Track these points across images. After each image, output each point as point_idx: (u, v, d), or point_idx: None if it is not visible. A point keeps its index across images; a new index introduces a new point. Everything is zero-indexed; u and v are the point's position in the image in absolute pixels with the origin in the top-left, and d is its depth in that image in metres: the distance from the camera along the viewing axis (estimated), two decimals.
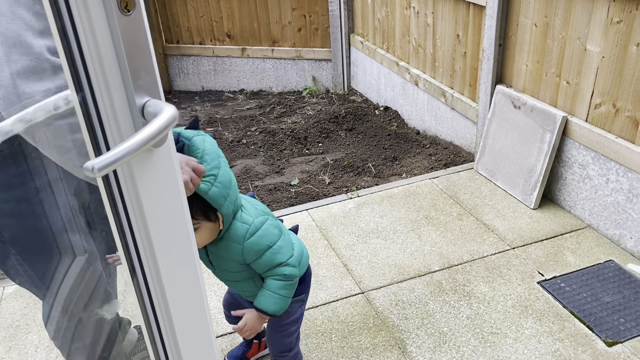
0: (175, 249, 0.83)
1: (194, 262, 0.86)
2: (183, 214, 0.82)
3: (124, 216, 0.79)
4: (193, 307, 0.89)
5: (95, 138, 0.74)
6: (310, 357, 2.12)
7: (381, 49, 4.48)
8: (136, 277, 0.84)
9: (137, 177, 0.75)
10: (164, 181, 0.79)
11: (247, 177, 3.71)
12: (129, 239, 0.81)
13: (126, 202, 0.77)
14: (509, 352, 2.07)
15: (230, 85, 5.60)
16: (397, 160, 3.74)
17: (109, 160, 0.63)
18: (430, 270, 2.54)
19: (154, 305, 0.86)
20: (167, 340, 0.89)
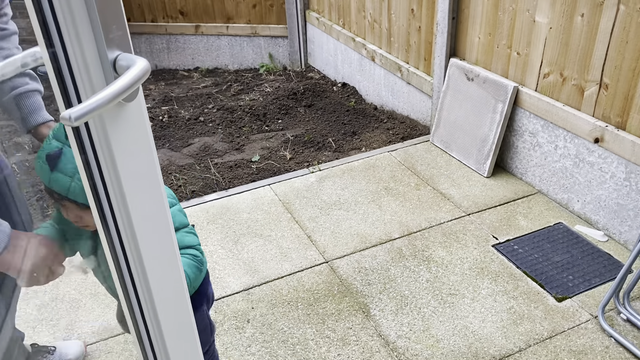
0: (147, 203, 0.85)
1: (166, 214, 0.87)
2: (155, 168, 0.84)
3: (96, 171, 0.80)
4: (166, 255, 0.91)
5: (67, 93, 0.75)
6: (277, 326, 2.16)
7: (337, 25, 4.50)
8: (109, 231, 0.85)
9: (109, 132, 0.76)
10: (135, 136, 0.80)
11: (206, 155, 3.69)
12: (102, 195, 0.82)
13: (99, 157, 0.78)
14: (466, 311, 2.18)
15: (185, 64, 5.50)
16: (357, 134, 3.80)
17: (85, 109, 0.64)
18: (390, 238, 2.62)
19: (128, 259, 0.88)
20: (140, 287, 0.91)
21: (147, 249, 0.85)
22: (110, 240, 0.85)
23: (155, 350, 0.99)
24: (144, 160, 0.81)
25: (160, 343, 0.97)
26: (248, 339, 2.10)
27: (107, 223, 0.83)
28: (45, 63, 0.75)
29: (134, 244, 0.85)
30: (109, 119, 0.75)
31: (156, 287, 0.92)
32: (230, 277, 2.42)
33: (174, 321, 0.96)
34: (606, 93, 2.38)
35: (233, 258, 2.54)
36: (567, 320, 2.11)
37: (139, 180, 0.82)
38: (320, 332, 2.12)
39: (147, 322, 0.94)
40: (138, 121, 0.79)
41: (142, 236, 0.84)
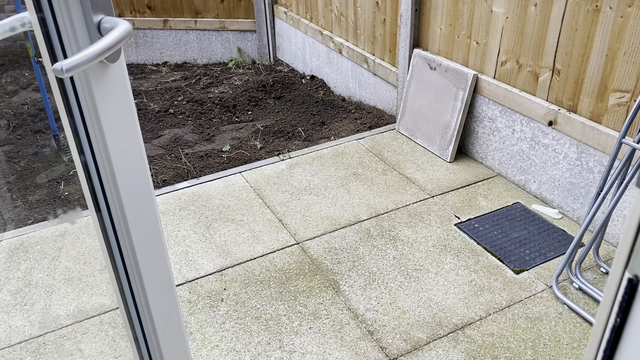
0: (130, 161, 0.92)
1: (146, 172, 0.95)
2: (135, 127, 0.91)
3: (81, 127, 0.86)
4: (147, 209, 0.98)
5: (54, 55, 0.81)
6: (250, 304, 2.23)
7: (305, 19, 4.58)
8: (93, 187, 0.92)
9: (94, 90, 0.83)
10: (118, 95, 0.87)
11: (177, 145, 3.72)
12: (88, 154, 0.89)
13: (84, 113, 0.84)
14: (431, 284, 2.29)
15: (153, 58, 5.51)
16: (325, 125, 3.89)
17: (75, 62, 0.71)
18: (359, 219, 2.72)
19: (109, 205, 0.94)
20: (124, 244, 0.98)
21: (126, 196, 0.92)
22: (92, 188, 0.91)
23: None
24: (125, 116, 0.88)
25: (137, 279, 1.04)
26: (222, 316, 2.17)
27: (89, 173, 0.90)
28: (34, 27, 0.81)
29: (116, 194, 0.91)
30: (94, 77, 0.82)
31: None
32: (203, 260, 2.48)
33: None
34: (558, 78, 2.53)
35: (206, 242, 2.60)
36: (524, 290, 2.24)
37: (120, 134, 0.88)
38: (292, 308, 2.20)
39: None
40: (120, 81, 0.86)
41: (124, 186, 0.91)
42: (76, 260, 2.51)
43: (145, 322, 1.13)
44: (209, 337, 2.08)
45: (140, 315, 1.13)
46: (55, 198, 3.19)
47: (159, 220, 1.01)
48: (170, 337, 1.18)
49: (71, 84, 0.82)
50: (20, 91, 4.82)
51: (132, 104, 0.89)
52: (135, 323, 1.14)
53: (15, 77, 5.14)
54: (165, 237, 1.90)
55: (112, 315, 2.20)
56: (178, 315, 1.16)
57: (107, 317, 2.19)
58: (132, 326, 1.15)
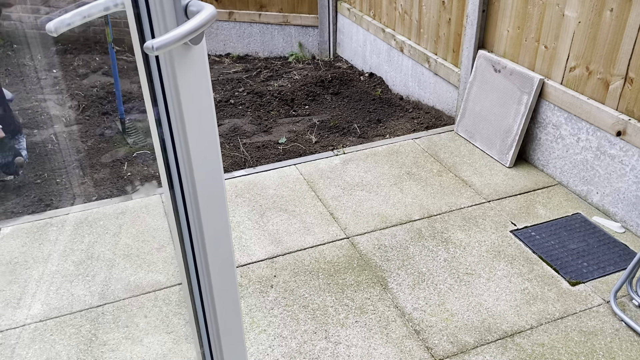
0: (204, 142, 0.96)
1: (218, 153, 0.98)
2: (211, 109, 0.94)
3: (163, 110, 0.91)
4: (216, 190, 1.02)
5: (143, 34, 0.86)
6: (299, 292, 2.27)
7: (368, 16, 4.58)
8: (169, 165, 0.96)
9: (177, 71, 0.87)
10: (198, 77, 0.91)
11: (236, 135, 3.81)
12: (166, 132, 0.93)
13: (165, 91, 0.89)
14: (481, 289, 2.26)
15: (217, 49, 5.64)
16: (381, 122, 3.88)
17: (164, 41, 0.75)
18: (411, 219, 2.71)
19: (181, 177, 0.99)
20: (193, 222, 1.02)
21: (199, 175, 0.96)
22: (168, 165, 0.96)
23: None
24: (203, 97, 0.92)
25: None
26: (271, 302, 2.22)
27: (166, 150, 0.94)
28: (127, 8, 0.86)
29: (190, 172, 0.96)
30: (178, 58, 0.86)
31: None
32: (255, 246, 2.54)
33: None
34: (630, 87, 2.43)
35: (259, 229, 2.66)
36: (580, 303, 2.17)
37: (198, 114, 0.92)
38: (340, 300, 2.22)
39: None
40: (201, 63, 0.90)
41: (198, 165, 0.95)
42: (135, 237, 2.62)
43: (205, 298, 1.18)
44: (257, 321, 2.13)
45: (201, 292, 1.18)
46: (118, 178, 3.34)
47: (226, 202, 1.05)
48: (227, 315, 1.22)
49: (156, 63, 0.87)
50: (91, 74, 5.05)
51: (210, 86, 0.93)
52: (197, 299, 1.19)
53: (86, 61, 5.39)
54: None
55: (166, 292, 2.28)
56: (236, 294, 1.20)
57: (161, 294, 2.27)
58: (193, 302, 1.20)
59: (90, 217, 2.78)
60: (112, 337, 2.07)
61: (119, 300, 2.24)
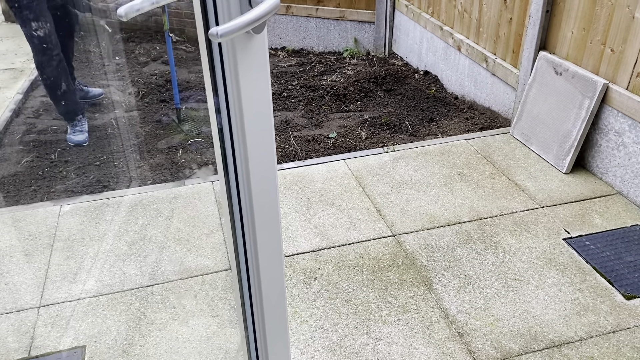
0: (260, 131, 0.97)
1: (273, 143, 1.00)
2: (268, 99, 0.96)
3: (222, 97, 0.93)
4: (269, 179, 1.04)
5: (208, 23, 0.88)
6: (342, 286, 2.28)
7: (426, 13, 4.52)
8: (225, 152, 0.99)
9: (238, 59, 0.89)
10: (258, 66, 0.92)
11: (287, 128, 3.85)
12: (225, 120, 0.96)
13: (226, 78, 0.91)
14: (530, 296, 2.20)
15: (273, 43, 5.71)
16: (434, 121, 3.83)
17: (228, 28, 0.77)
18: (459, 220, 2.66)
19: (238, 177, 1.01)
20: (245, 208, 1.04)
21: (254, 163, 0.98)
22: (224, 152, 0.98)
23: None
24: (262, 86, 0.94)
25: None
26: (314, 294, 2.24)
27: (224, 138, 0.97)
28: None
29: (245, 160, 0.98)
30: (240, 46, 0.88)
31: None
32: (301, 238, 2.56)
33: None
34: None
35: (305, 222, 2.68)
36: (634, 318, 2.08)
37: (255, 103, 0.94)
38: (382, 297, 2.22)
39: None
40: (261, 52, 0.91)
41: (253, 154, 0.97)
42: (186, 222, 2.69)
43: (253, 285, 1.20)
44: (299, 312, 2.15)
45: (249, 278, 1.20)
46: (172, 164, 3.44)
47: (278, 192, 1.07)
48: (273, 303, 1.24)
49: (219, 52, 0.89)
50: (151, 62, 5.21)
51: (268, 76, 0.94)
52: (244, 285, 1.22)
53: (147, 50, 5.57)
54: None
55: (213, 277, 2.34)
56: (283, 283, 1.21)
57: (208, 278, 2.33)
58: (241, 287, 1.22)
59: (144, 200, 2.88)
60: (159, 316, 2.14)
61: (168, 282, 2.31)
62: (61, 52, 3.49)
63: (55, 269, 2.40)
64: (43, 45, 3.37)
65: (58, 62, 3.46)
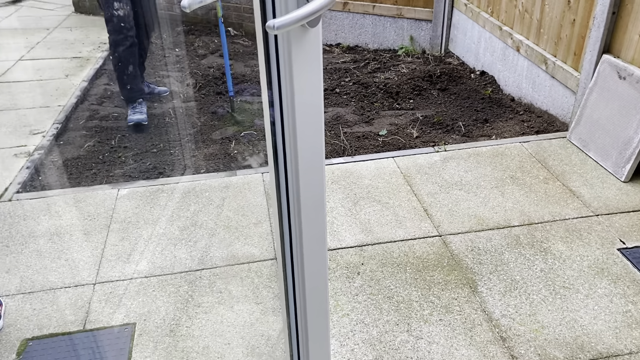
0: (311, 124, 1.00)
1: (322, 137, 1.02)
2: (320, 93, 0.98)
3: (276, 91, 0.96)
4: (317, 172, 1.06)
5: (265, 15, 0.91)
6: (384, 283, 2.28)
7: (485, 13, 4.43)
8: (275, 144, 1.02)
9: (293, 51, 0.92)
10: (312, 59, 0.95)
11: (337, 124, 3.87)
12: (277, 112, 0.99)
13: (280, 70, 0.94)
14: (578, 306, 2.14)
15: (328, 39, 5.74)
16: (488, 122, 3.76)
17: (285, 21, 0.80)
18: (509, 224, 2.61)
19: (287, 169, 1.04)
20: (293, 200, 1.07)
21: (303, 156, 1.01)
22: (275, 145, 1.02)
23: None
24: (314, 79, 0.96)
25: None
26: (356, 288, 2.25)
27: (275, 130, 1.00)
28: None
29: (294, 153, 1.01)
30: (295, 39, 0.91)
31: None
32: (346, 232, 2.59)
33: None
34: None
35: (351, 217, 2.70)
36: None
37: (307, 96, 0.97)
38: (425, 296, 2.21)
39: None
40: (315, 46, 0.94)
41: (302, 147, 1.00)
42: (236, 211, 2.77)
43: (297, 274, 1.23)
44: (341, 305, 2.17)
45: (294, 268, 1.23)
46: (225, 154, 3.53)
47: (325, 185, 1.09)
48: (315, 293, 1.26)
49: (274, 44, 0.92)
50: (209, 55, 5.35)
51: (321, 69, 0.97)
52: (288, 274, 1.25)
53: (206, 43, 5.73)
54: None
55: (259, 265, 2.40)
56: (326, 274, 1.24)
57: (254, 266, 2.39)
58: (285, 276, 1.26)
59: (197, 187, 2.98)
60: (206, 300, 2.22)
61: (215, 267, 2.39)
62: (135, 38, 3.70)
63: (110, 248, 2.52)
64: (120, 24, 3.59)
65: (131, 44, 3.68)
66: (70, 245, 2.55)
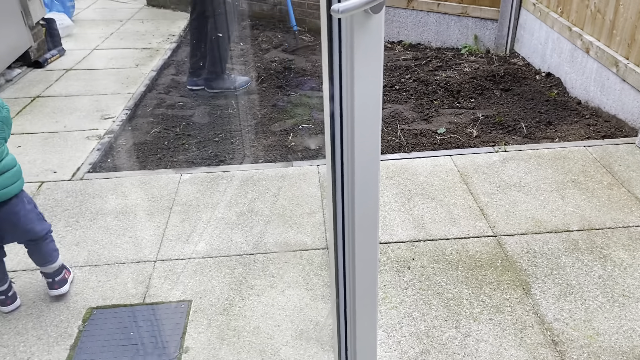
0: (368, 118, 1.03)
1: (379, 131, 1.05)
2: (379, 82, 1.01)
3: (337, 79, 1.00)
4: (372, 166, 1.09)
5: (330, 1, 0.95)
6: (435, 279, 2.28)
7: (554, 13, 4.30)
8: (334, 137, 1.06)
9: (355, 37, 0.95)
10: (373, 46, 0.98)
11: (395, 120, 3.87)
12: (337, 104, 1.03)
13: (342, 60, 0.97)
14: (637, 315, 2.06)
15: (390, 36, 5.72)
16: (552, 125, 3.65)
17: (349, 5, 0.83)
18: (568, 228, 2.54)
19: (343, 162, 1.07)
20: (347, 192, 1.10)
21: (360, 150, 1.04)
22: (333, 138, 1.05)
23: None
24: (374, 65, 0.99)
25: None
26: (406, 282, 2.26)
27: (334, 123, 1.03)
28: None
29: (351, 147, 1.04)
30: (357, 24, 0.94)
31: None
32: (398, 227, 2.59)
33: None
34: None
35: (404, 212, 2.71)
36: None
37: (367, 82, 1.00)
38: (476, 295, 2.19)
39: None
40: (377, 32, 0.97)
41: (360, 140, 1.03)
42: (291, 200, 2.83)
43: (348, 264, 1.26)
44: (389, 298, 2.19)
45: (345, 258, 1.26)
46: (282, 146, 3.61)
47: (379, 179, 1.12)
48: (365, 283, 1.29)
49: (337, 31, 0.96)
50: (272, 50, 5.47)
51: (382, 56, 0.99)
52: (340, 263, 1.28)
53: (269, 37, 5.85)
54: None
55: (310, 253, 2.45)
56: (376, 265, 1.26)
57: (306, 254, 2.44)
58: (336, 265, 1.29)
59: (255, 176, 3.06)
60: (259, 283, 2.29)
61: (269, 253, 2.46)
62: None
63: (171, 229, 2.65)
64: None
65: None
66: (134, 223, 2.69)
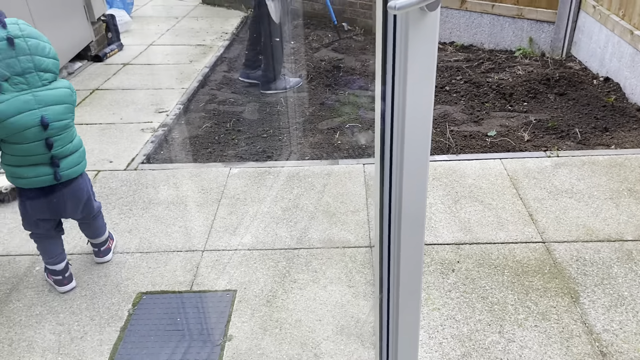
0: (419, 118, 1.04)
1: (429, 132, 1.05)
2: (432, 78, 1.01)
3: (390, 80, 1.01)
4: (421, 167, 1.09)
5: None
6: (479, 283, 2.25)
7: (615, 15, 4.14)
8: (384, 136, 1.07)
9: (410, 34, 0.96)
10: (428, 43, 0.98)
11: (444, 121, 3.83)
12: (388, 103, 1.04)
13: (396, 57, 0.98)
14: None
15: (442, 37, 5.66)
16: (608, 131, 3.53)
17: (405, 2, 0.84)
18: (621, 238, 2.45)
19: (392, 162, 1.08)
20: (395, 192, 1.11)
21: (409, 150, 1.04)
22: (383, 137, 1.06)
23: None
24: (428, 62, 1.00)
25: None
26: (449, 285, 2.24)
27: (384, 122, 1.05)
28: None
29: (400, 146, 1.05)
30: (412, 21, 0.95)
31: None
32: (443, 229, 2.57)
33: None
34: None
35: (450, 214, 2.68)
36: None
37: (420, 78, 1.00)
38: (522, 301, 2.15)
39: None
40: (432, 29, 0.97)
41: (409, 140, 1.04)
42: (336, 198, 2.85)
43: (393, 263, 1.27)
44: (432, 299, 2.18)
45: (390, 256, 1.27)
46: (329, 144, 3.63)
47: (427, 181, 1.12)
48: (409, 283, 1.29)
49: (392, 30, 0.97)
50: (322, 49, 5.51)
51: (435, 54, 1.00)
52: (384, 262, 1.29)
53: (320, 37, 5.89)
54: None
55: (353, 251, 2.46)
56: (420, 265, 1.26)
57: (349, 252, 2.46)
58: (381, 263, 1.30)
59: (301, 173, 3.10)
60: (302, 277, 2.32)
61: (312, 248, 2.49)
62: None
63: (219, 221, 2.71)
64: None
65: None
66: (184, 214, 2.78)
